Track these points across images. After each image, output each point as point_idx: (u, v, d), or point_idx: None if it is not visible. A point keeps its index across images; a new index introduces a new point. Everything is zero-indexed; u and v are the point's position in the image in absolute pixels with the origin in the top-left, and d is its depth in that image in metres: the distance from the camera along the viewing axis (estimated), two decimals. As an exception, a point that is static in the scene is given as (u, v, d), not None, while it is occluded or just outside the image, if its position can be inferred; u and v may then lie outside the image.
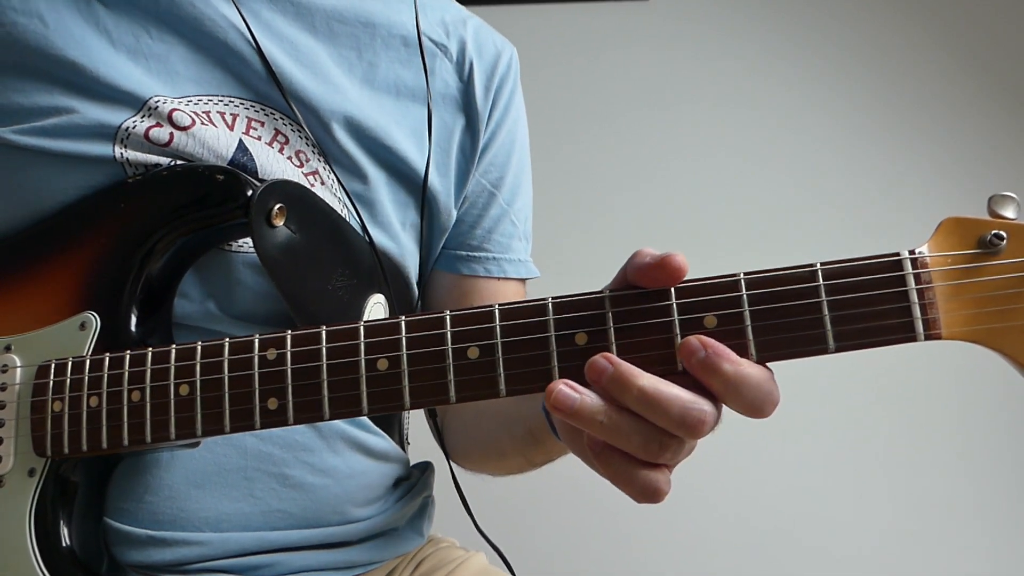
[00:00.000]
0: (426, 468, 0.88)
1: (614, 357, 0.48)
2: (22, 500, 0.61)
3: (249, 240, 0.68)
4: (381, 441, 0.79)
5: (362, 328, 0.55)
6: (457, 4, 0.91)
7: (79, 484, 0.64)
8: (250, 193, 0.65)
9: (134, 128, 0.67)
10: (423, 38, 0.83)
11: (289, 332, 0.57)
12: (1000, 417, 1.90)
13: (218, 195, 0.66)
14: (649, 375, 0.48)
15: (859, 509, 1.88)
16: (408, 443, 0.88)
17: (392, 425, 0.83)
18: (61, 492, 0.63)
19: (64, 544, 0.62)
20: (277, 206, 0.66)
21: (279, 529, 0.71)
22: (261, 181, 0.67)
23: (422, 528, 0.85)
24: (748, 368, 0.47)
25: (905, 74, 2.03)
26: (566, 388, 0.48)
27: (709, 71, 2.04)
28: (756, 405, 0.47)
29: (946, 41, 2.04)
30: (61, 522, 0.62)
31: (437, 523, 0.89)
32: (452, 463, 0.87)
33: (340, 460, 0.75)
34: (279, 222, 0.66)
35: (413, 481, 0.85)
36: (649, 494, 0.50)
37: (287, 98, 0.72)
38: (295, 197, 0.68)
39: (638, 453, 0.48)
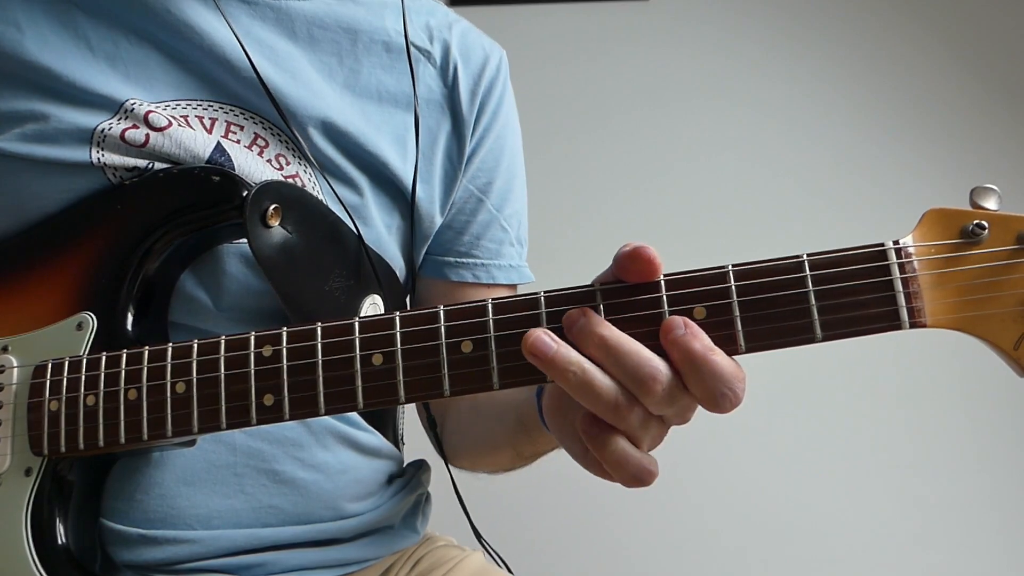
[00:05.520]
0: (420, 465, 0.89)
1: (589, 311, 0.51)
2: (19, 499, 0.62)
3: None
4: (372, 438, 0.79)
5: (357, 324, 0.56)
6: (444, 7, 0.91)
7: (75, 483, 0.64)
8: (245, 194, 0.66)
9: (110, 130, 0.68)
10: (404, 43, 0.82)
11: (285, 329, 0.57)
12: (1004, 412, 1.91)
13: (214, 196, 0.66)
14: (615, 328, 0.50)
15: (862, 510, 1.89)
16: (403, 443, 0.89)
17: (386, 423, 0.84)
18: (58, 491, 0.63)
19: (60, 542, 0.62)
20: (272, 206, 0.66)
21: (271, 526, 0.72)
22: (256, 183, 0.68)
23: (416, 525, 0.85)
24: (717, 356, 0.49)
25: (891, 70, 2.06)
26: (544, 335, 0.50)
27: (709, 71, 2.06)
28: (715, 394, 0.49)
29: (932, 37, 2.08)
30: (57, 520, 0.63)
31: (435, 522, 0.89)
32: (449, 466, 0.87)
33: (331, 456, 0.75)
34: (274, 222, 0.67)
35: (407, 478, 0.85)
36: (634, 473, 0.51)
37: (274, 101, 0.73)
38: (290, 198, 0.69)
39: (607, 413, 0.50)
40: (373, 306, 0.75)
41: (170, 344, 0.60)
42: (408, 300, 0.87)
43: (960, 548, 1.86)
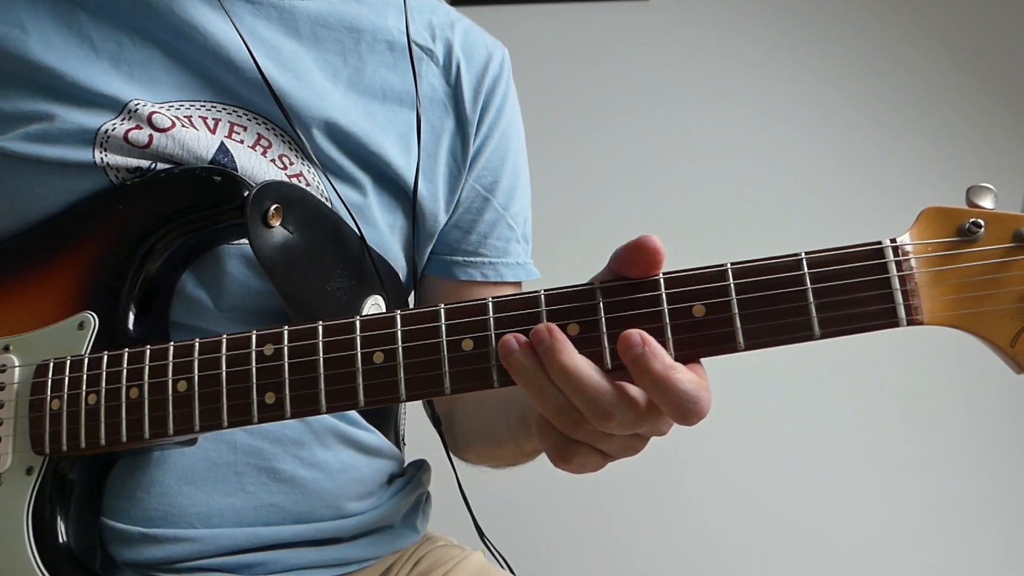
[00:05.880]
0: (421, 465, 0.89)
1: (556, 330, 0.51)
2: (20, 498, 0.62)
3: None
4: (372, 437, 0.80)
5: (358, 323, 0.56)
6: (446, 6, 0.91)
7: (76, 482, 0.64)
8: (246, 194, 0.66)
9: (113, 131, 0.68)
10: (407, 42, 0.83)
11: (286, 328, 0.58)
12: (1004, 412, 1.91)
13: (215, 196, 0.67)
14: (578, 355, 0.50)
15: (862, 509, 1.89)
16: (404, 443, 0.89)
17: (387, 423, 0.84)
18: (59, 490, 0.63)
19: (61, 541, 0.63)
20: (273, 206, 0.67)
21: (271, 524, 0.72)
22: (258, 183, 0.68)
23: (416, 524, 0.85)
24: (679, 373, 0.49)
25: (891, 70, 2.07)
26: (511, 338, 0.51)
27: (709, 71, 2.06)
28: (680, 410, 0.49)
29: (932, 37, 2.08)
30: (58, 519, 0.63)
31: (435, 522, 0.89)
32: (453, 456, 0.87)
33: (331, 454, 0.75)
34: (275, 222, 0.67)
35: (408, 477, 0.85)
36: (564, 461, 0.53)
37: (279, 103, 0.73)
38: (292, 197, 0.69)
39: (553, 418, 0.51)
40: (375, 306, 0.75)
41: (172, 343, 0.60)
42: (410, 300, 0.88)
43: (960, 548, 1.87)
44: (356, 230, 0.75)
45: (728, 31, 2.09)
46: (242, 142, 0.72)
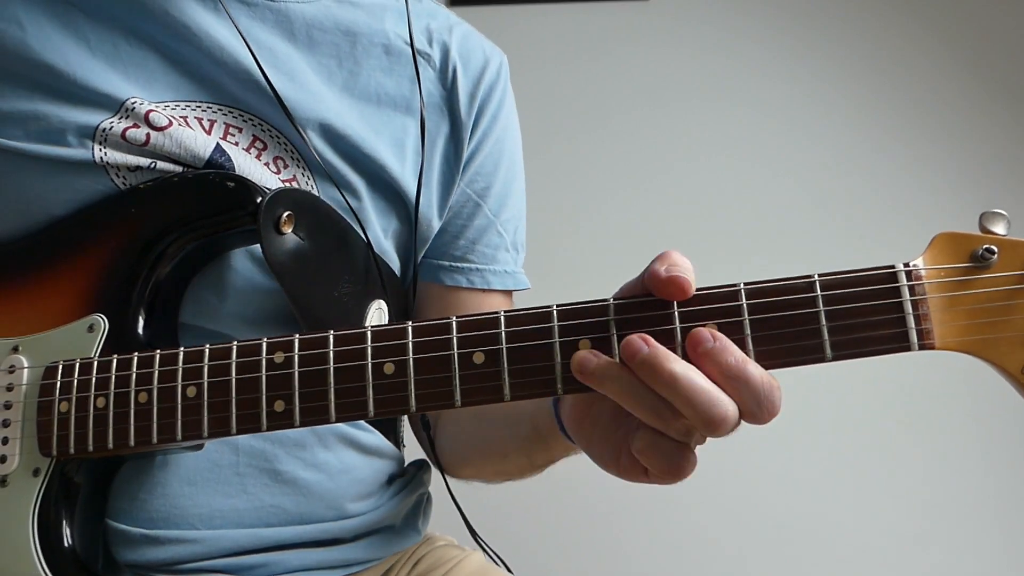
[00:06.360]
0: (421, 465, 0.89)
1: (650, 338, 0.50)
2: (26, 499, 0.62)
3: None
4: (373, 438, 0.80)
5: (369, 333, 0.56)
6: (445, 10, 0.91)
7: (82, 484, 0.64)
8: (259, 200, 0.66)
9: (111, 128, 0.68)
10: (403, 46, 0.82)
11: (297, 336, 0.58)
12: (1005, 412, 1.91)
13: (228, 202, 0.67)
14: (682, 360, 0.49)
15: (862, 510, 1.89)
16: (404, 444, 0.89)
17: (386, 424, 0.84)
18: (65, 492, 0.63)
19: (66, 544, 0.63)
20: (286, 213, 0.67)
21: (273, 526, 0.72)
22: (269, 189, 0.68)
23: (418, 525, 0.85)
24: (752, 367, 0.49)
25: (892, 70, 2.06)
26: (589, 354, 0.51)
27: (709, 71, 2.06)
28: (751, 408, 0.49)
29: (933, 36, 2.07)
30: (64, 522, 0.63)
31: (435, 522, 0.89)
32: (446, 476, 0.87)
33: (332, 455, 0.76)
34: (287, 229, 0.67)
35: (408, 478, 0.85)
36: (674, 469, 0.52)
37: (282, 103, 0.73)
38: (303, 204, 0.69)
39: (650, 418, 0.50)
40: (379, 311, 0.76)
41: (182, 348, 0.60)
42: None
43: (961, 548, 1.88)
44: (363, 236, 0.75)
45: (728, 31, 2.08)
46: (237, 144, 0.73)
